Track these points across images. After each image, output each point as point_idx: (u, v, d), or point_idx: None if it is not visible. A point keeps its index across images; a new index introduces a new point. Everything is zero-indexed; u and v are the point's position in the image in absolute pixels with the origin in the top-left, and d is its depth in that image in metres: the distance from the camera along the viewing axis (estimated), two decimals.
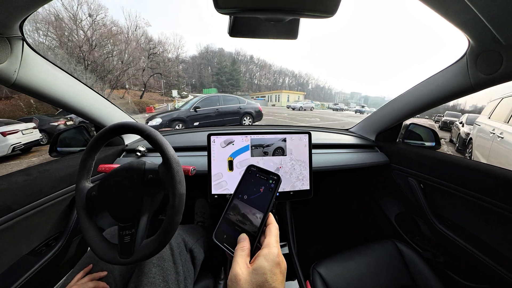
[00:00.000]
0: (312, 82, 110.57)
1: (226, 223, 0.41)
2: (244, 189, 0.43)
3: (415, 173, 1.13)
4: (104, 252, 0.60)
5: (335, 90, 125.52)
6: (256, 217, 0.39)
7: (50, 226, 0.89)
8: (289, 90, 73.24)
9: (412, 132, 1.30)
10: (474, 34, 0.67)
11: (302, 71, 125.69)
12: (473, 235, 0.91)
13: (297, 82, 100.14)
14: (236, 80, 64.06)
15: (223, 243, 0.39)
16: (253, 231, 0.38)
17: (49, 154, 1.04)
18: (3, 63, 0.63)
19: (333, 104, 47.99)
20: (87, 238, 0.62)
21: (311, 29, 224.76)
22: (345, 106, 50.31)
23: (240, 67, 70.71)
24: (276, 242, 0.36)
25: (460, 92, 0.86)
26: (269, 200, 0.40)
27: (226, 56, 71.94)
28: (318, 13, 0.44)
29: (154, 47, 33.49)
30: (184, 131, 1.55)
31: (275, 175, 0.42)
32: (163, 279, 0.69)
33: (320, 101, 77.78)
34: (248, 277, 0.31)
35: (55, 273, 0.96)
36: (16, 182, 0.78)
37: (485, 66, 0.72)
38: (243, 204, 0.41)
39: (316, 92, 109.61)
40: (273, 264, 0.33)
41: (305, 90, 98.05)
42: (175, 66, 42.78)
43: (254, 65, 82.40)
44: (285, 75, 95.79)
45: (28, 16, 0.62)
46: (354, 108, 40.44)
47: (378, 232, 1.56)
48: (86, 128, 1.17)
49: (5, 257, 0.76)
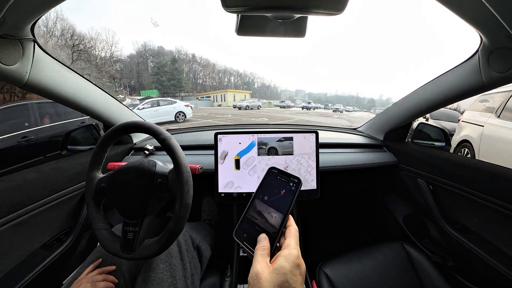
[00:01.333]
0: (258, 81, 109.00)
1: (247, 222, 0.41)
2: (265, 190, 0.44)
3: (425, 174, 1.11)
4: (108, 243, 0.62)
5: (280, 88, 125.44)
6: (276, 218, 0.40)
7: (61, 222, 0.92)
8: (235, 89, 70.80)
9: (422, 131, 1.27)
10: (486, 30, 0.65)
11: (247, 70, 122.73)
12: (485, 240, 0.88)
13: (243, 81, 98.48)
14: (178, 80, 58.14)
15: (243, 242, 0.40)
16: (272, 232, 0.38)
17: (60, 152, 1.06)
18: (15, 64, 0.65)
19: (280, 101, 47.49)
20: (93, 228, 0.64)
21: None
22: (291, 103, 49.86)
23: (182, 66, 65.59)
24: (296, 244, 0.36)
25: (471, 91, 0.84)
26: (289, 203, 0.40)
27: (166, 55, 67.02)
28: (326, 10, 0.44)
29: (79, 43, 26.98)
30: (191, 130, 1.56)
31: (296, 178, 0.43)
32: (171, 274, 0.70)
33: (267, 99, 76.61)
34: (269, 276, 0.32)
35: (66, 267, 0.98)
36: (29, 178, 0.80)
37: (498, 63, 0.70)
38: (263, 205, 0.42)
39: (263, 91, 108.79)
40: (293, 265, 0.33)
41: (251, 89, 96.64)
42: (109, 66, 36.33)
43: (197, 64, 78.10)
44: (230, 74, 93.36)
45: (39, 18, 0.64)
46: (301, 105, 41.52)
47: (385, 233, 1.53)
48: (96, 127, 1.19)
49: (19, 250, 0.79)
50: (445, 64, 51.25)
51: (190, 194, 0.61)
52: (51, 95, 0.82)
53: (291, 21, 0.53)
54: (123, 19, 32.63)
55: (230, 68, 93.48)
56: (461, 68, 0.85)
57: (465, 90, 0.85)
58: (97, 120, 1.11)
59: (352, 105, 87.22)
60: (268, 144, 0.93)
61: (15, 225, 0.73)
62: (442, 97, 0.96)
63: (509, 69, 0.68)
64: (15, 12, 0.56)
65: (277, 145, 0.93)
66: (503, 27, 0.57)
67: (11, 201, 0.73)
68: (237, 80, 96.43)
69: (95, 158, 0.69)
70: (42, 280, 0.83)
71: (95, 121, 1.15)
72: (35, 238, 0.84)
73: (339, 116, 23.10)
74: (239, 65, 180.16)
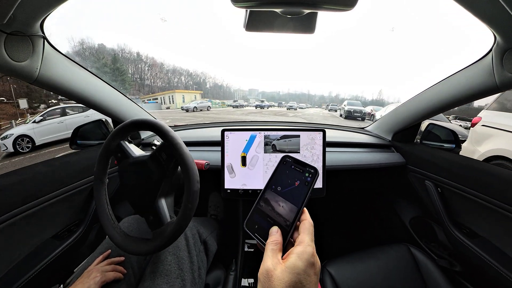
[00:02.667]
0: (210, 81, 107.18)
1: (258, 214, 0.39)
2: (278, 180, 0.41)
3: (433, 176, 1.09)
4: (118, 239, 0.65)
5: (233, 88, 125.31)
6: (289, 211, 0.37)
7: (71, 213, 0.95)
8: (184, 90, 66.85)
9: (431, 132, 1.25)
10: (501, 29, 0.63)
11: (198, 70, 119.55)
12: (494, 246, 0.86)
13: (194, 81, 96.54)
14: (122, 82, 53.60)
15: (254, 233, 0.38)
16: (285, 225, 0.36)
17: (69, 146, 1.09)
18: (25, 61, 0.66)
19: (233, 101, 45.44)
20: (108, 234, 0.67)
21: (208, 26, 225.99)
22: (244, 102, 48.30)
23: (125, 66, 60.16)
24: (311, 241, 0.33)
25: (484, 92, 0.81)
26: (304, 194, 0.37)
27: (107, 53, 61.77)
28: (337, 6, 0.44)
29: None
30: (198, 126, 1.58)
31: (312, 168, 0.39)
32: (178, 267, 0.72)
33: (220, 99, 75.08)
34: (280, 274, 0.29)
35: (76, 256, 1.01)
36: (40, 172, 0.83)
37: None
38: (276, 196, 0.39)
39: (215, 91, 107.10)
40: (308, 264, 0.30)
41: (203, 89, 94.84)
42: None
43: (143, 63, 73.76)
44: (180, 74, 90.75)
45: (48, 15, 0.65)
46: (254, 104, 39.96)
47: (391, 235, 1.51)
48: (104, 122, 1.21)
49: (32, 239, 0.82)
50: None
51: (196, 192, 0.61)
52: (61, 91, 0.83)
53: (300, 17, 0.53)
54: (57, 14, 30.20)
55: (179, 67, 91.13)
56: (473, 68, 0.83)
57: (477, 91, 0.83)
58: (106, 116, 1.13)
59: (305, 102, 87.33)
60: (274, 142, 0.93)
61: (27, 216, 0.75)
62: (452, 98, 0.94)
63: None
64: (25, 9, 0.57)
65: (284, 143, 0.93)
66: None
67: (24, 193, 0.75)
68: (188, 80, 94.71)
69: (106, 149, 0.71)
70: (54, 268, 0.86)
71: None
72: (47, 229, 0.87)
73: (294, 114, 22.53)
74: (189, 65, 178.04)
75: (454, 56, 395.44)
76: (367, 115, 15.29)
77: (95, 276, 0.64)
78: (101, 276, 0.65)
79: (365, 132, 1.54)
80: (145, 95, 57.33)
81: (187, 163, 0.60)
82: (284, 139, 0.93)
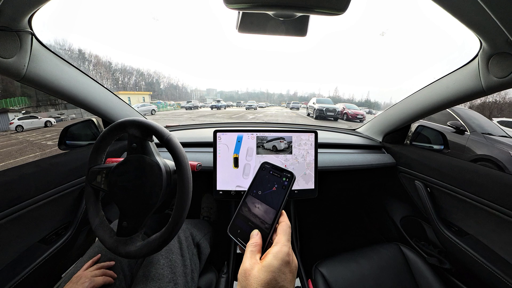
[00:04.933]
0: (164, 81, 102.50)
1: (240, 218, 0.41)
2: (258, 185, 0.43)
3: (422, 176, 1.12)
4: (111, 242, 0.62)
5: (190, 88, 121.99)
6: (268, 214, 0.39)
7: (60, 216, 0.92)
8: (130, 91, 63.33)
9: (420, 134, 1.28)
10: (486, 35, 0.65)
11: (150, 69, 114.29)
12: (481, 244, 0.88)
13: (146, 82, 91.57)
14: None
15: (236, 238, 0.40)
16: (265, 228, 0.38)
17: (58, 147, 1.06)
18: (12, 57, 0.64)
19: (186, 102, 40.36)
20: (94, 229, 0.64)
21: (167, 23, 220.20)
22: (200, 103, 44.84)
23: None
24: (287, 241, 0.35)
25: (471, 95, 0.84)
26: (282, 198, 0.40)
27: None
28: (328, 10, 0.44)
29: None
30: (191, 127, 1.56)
31: (288, 173, 0.42)
32: (171, 270, 0.71)
33: (176, 100, 72.84)
34: (257, 273, 0.31)
35: (65, 261, 0.99)
36: (27, 173, 0.80)
37: (497, 68, 0.70)
38: (256, 201, 0.41)
39: (170, 91, 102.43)
40: (283, 263, 0.32)
41: (156, 90, 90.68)
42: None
43: (87, 62, 67.92)
44: (129, 74, 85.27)
45: (37, 10, 0.63)
46: (210, 104, 36.85)
47: (382, 234, 1.54)
48: (94, 122, 1.19)
49: (17, 244, 0.78)
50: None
51: (190, 191, 0.61)
52: (49, 89, 0.81)
53: (292, 20, 0.53)
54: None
55: (129, 66, 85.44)
56: (460, 72, 0.86)
57: (464, 95, 0.86)
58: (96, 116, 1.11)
59: (264, 101, 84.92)
60: (267, 143, 0.93)
61: (13, 220, 0.73)
62: (441, 101, 0.97)
63: (509, 75, 0.68)
64: (13, 3, 0.55)
65: (276, 144, 0.93)
66: (503, 32, 0.58)
67: (10, 195, 0.73)
68: (139, 80, 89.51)
69: (94, 156, 0.68)
70: (41, 273, 0.83)
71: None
72: (34, 232, 0.84)
73: (254, 115, 19.24)
74: (142, 64, 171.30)
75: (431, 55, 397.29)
76: (340, 114, 13.99)
77: (84, 282, 0.63)
78: (90, 281, 0.63)
79: (356, 133, 1.57)
80: None
81: (182, 166, 0.60)
82: (277, 140, 0.94)
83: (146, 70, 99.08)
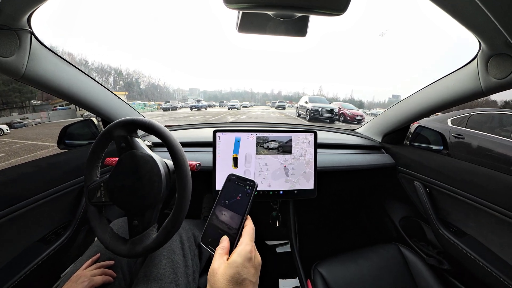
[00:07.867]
0: (144, 80, 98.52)
1: (211, 227, 0.45)
2: (226, 195, 0.47)
3: (422, 177, 1.12)
4: (109, 241, 0.62)
5: (172, 88, 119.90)
6: (235, 220, 0.43)
7: (59, 216, 0.92)
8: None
9: (420, 134, 1.28)
10: (485, 36, 0.65)
11: (129, 69, 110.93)
12: (480, 244, 0.89)
13: (125, 82, 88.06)
14: (15, 89, 35.71)
15: (208, 246, 0.43)
16: (233, 233, 0.42)
17: (57, 146, 1.06)
18: (12, 56, 0.64)
19: (164, 103, 36.97)
20: (107, 246, 0.63)
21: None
22: (179, 103, 41.00)
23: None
24: (251, 240, 0.40)
25: (470, 96, 0.84)
26: (246, 204, 0.44)
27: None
28: (328, 10, 0.44)
29: None
30: (191, 127, 1.56)
31: (251, 182, 0.47)
32: (173, 271, 0.70)
33: (157, 100, 71.71)
34: (223, 270, 0.35)
35: (64, 260, 0.99)
36: (26, 173, 0.80)
37: (496, 70, 0.71)
38: (224, 210, 0.45)
39: (151, 91, 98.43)
40: (245, 259, 0.37)
41: (136, 90, 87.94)
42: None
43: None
44: (107, 73, 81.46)
45: (36, 9, 0.62)
46: (190, 105, 33.47)
47: (381, 235, 1.54)
48: (94, 121, 1.18)
49: (16, 244, 0.79)
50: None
51: (189, 191, 0.61)
52: (49, 88, 0.80)
53: (292, 20, 0.53)
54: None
55: (107, 65, 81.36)
56: (459, 73, 0.86)
57: (464, 96, 0.86)
58: (95, 115, 1.11)
59: (248, 100, 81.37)
60: (266, 143, 0.93)
61: (12, 219, 0.72)
62: (440, 102, 0.97)
63: (507, 76, 0.68)
64: (12, 2, 0.55)
65: (276, 144, 0.93)
66: (502, 34, 0.58)
67: (9, 195, 0.72)
68: (118, 79, 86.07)
69: (89, 172, 0.68)
70: (40, 273, 0.83)
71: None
72: (33, 232, 0.84)
73: (236, 117, 15.92)
74: (119, 63, 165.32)
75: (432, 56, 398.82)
76: (337, 114, 12.26)
77: (83, 281, 0.62)
78: (89, 281, 0.63)
79: (356, 134, 1.57)
80: (54, 100, 39.77)
81: (182, 165, 0.60)
82: (276, 140, 0.94)
83: (125, 69, 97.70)
